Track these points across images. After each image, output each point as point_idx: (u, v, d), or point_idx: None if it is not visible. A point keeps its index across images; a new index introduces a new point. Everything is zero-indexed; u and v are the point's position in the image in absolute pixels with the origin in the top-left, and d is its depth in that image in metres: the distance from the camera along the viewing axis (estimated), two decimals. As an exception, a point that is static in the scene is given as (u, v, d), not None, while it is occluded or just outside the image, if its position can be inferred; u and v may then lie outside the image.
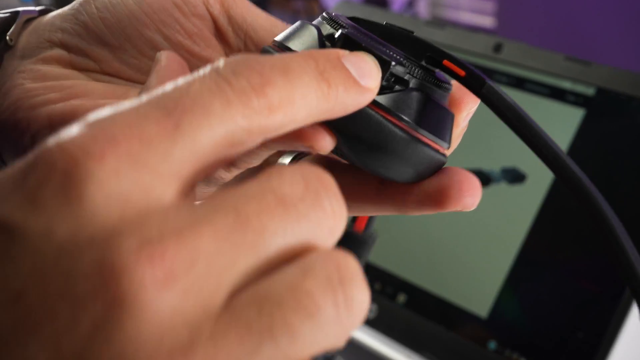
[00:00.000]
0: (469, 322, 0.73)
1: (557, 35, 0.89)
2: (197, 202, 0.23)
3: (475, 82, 0.31)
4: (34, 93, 0.37)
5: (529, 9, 0.96)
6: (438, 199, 0.32)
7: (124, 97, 0.37)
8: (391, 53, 0.30)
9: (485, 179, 0.78)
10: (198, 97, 0.24)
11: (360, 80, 0.28)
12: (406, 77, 0.30)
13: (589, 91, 0.77)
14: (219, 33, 0.39)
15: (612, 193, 0.71)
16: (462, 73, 0.31)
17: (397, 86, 0.30)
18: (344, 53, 0.28)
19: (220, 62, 0.25)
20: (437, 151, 0.31)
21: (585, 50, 0.88)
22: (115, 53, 0.39)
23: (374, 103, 0.29)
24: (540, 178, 0.76)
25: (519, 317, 0.71)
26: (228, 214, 0.23)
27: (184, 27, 0.38)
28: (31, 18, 0.41)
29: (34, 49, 0.39)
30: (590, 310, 0.68)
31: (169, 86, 0.24)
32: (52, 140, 0.22)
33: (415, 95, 0.31)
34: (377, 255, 0.81)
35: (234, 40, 0.39)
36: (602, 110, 0.75)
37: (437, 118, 0.31)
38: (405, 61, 0.30)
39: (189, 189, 0.25)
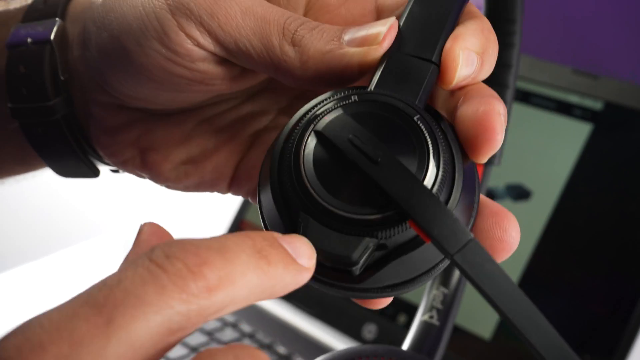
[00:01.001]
0: (472, 344, 0.72)
1: (564, 49, 0.87)
2: None
3: (442, 250, 0.30)
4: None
5: (535, 21, 0.94)
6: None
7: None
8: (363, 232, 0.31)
9: (489, 195, 0.76)
10: (130, 287, 0.24)
11: (297, 259, 0.28)
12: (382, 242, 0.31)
13: (597, 105, 0.76)
14: (221, 62, 0.39)
15: (620, 207, 0.70)
16: (427, 240, 0.30)
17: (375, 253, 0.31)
18: (278, 235, 0.28)
19: (154, 250, 0.25)
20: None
21: (593, 64, 0.86)
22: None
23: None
24: (546, 195, 0.75)
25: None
26: None
27: (190, 77, 0.39)
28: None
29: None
30: (597, 332, 0.66)
31: (99, 281, 0.24)
32: None
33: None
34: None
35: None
36: (610, 124, 0.75)
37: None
38: (379, 233, 0.30)
39: None
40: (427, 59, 0.34)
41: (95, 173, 0.48)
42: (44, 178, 0.52)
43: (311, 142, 0.32)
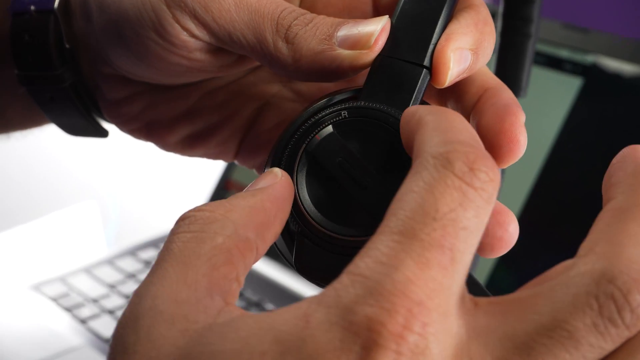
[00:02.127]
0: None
1: (554, 2, 0.87)
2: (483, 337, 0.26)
3: None
4: None
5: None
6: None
7: None
8: None
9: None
10: (448, 211, 0.26)
11: None
12: None
13: (587, 59, 0.75)
14: (218, 50, 0.39)
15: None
16: None
17: None
18: None
19: (454, 162, 0.27)
20: None
21: (583, 18, 0.86)
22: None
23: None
24: (536, 149, 0.75)
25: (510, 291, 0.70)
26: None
27: (189, 65, 0.40)
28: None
29: None
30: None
31: (420, 217, 0.26)
32: (365, 317, 0.25)
33: None
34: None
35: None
36: (600, 78, 0.75)
37: None
38: None
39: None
40: (419, 64, 0.35)
41: (103, 134, 0.48)
42: (29, 142, 0.53)
43: (304, 162, 0.34)
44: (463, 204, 0.26)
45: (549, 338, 0.25)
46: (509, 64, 0.49)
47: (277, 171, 0.33)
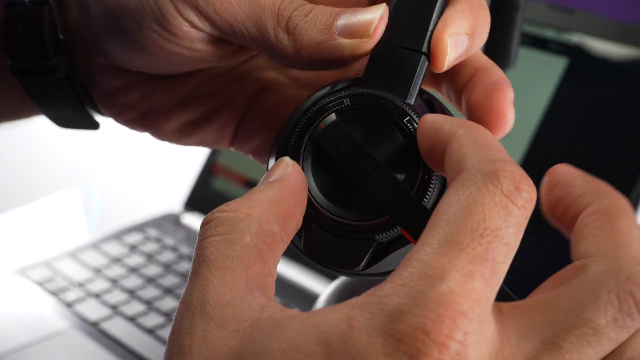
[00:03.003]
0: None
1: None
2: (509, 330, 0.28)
3: None
4: None
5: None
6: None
7: None
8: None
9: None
10: (495, 228, 0.28)
11: None
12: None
13: (572, 40, 0.76)
14: (219, 40, 0.40)
15: (595, 140, 0.71)
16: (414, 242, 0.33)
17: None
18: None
19: (502, 180, 0.28)
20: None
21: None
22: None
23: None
24: (522, 128, 0.75)
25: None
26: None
27: (191, 56, 0.41)
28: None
29: None
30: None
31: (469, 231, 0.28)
32: (412, 327, 0.26)
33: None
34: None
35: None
36: (585, 58, 0.75)
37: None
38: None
39: None
40: (417, 50, 0.36)
41: (95, 126, 0.48)
42: (15, 131, 0.53)
43: (309, 150, 0.35)
44: (508, 221, 0.28)
45: (576, 336, 0.27)
46: (498, 36, 0.49)
47: (288, 160, 0.34)
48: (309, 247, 0.35)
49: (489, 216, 0.28)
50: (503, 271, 0.28)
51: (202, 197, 0.90)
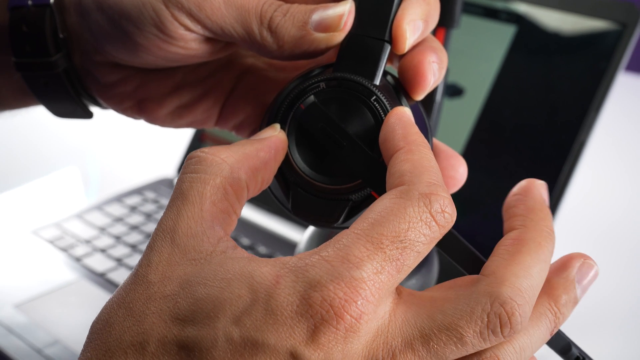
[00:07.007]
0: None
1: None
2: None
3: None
4: None
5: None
6: None
7: None
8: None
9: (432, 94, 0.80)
10: (413, 239, 0.32)
11: None
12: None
13: (520, 9, 0.80)
14: (210, 39, 0.43)
15: (544, 103, 0.75)
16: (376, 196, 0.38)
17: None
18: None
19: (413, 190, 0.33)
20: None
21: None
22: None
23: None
24: (477, 91, 0.79)
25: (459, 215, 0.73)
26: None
27: (186, 55, 0.43)
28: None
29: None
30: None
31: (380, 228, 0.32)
32: (320, 295, 0.31)
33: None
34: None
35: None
36: (532, 26, 0.78)
37: None
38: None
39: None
40: (381, 39, 0.40)
41: (89, 116, 0.51)
42: (17, 118, 0.55)
43: (292, 127, 0.39)
44: (426, 236, 0.32)
45: (446, 336, 0.32)
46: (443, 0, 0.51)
47: (277, 126, 0.38)
48: (296, 207, 0.39)
49: (412, 228, 0.32)
50: (408, 271, 0.32)
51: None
